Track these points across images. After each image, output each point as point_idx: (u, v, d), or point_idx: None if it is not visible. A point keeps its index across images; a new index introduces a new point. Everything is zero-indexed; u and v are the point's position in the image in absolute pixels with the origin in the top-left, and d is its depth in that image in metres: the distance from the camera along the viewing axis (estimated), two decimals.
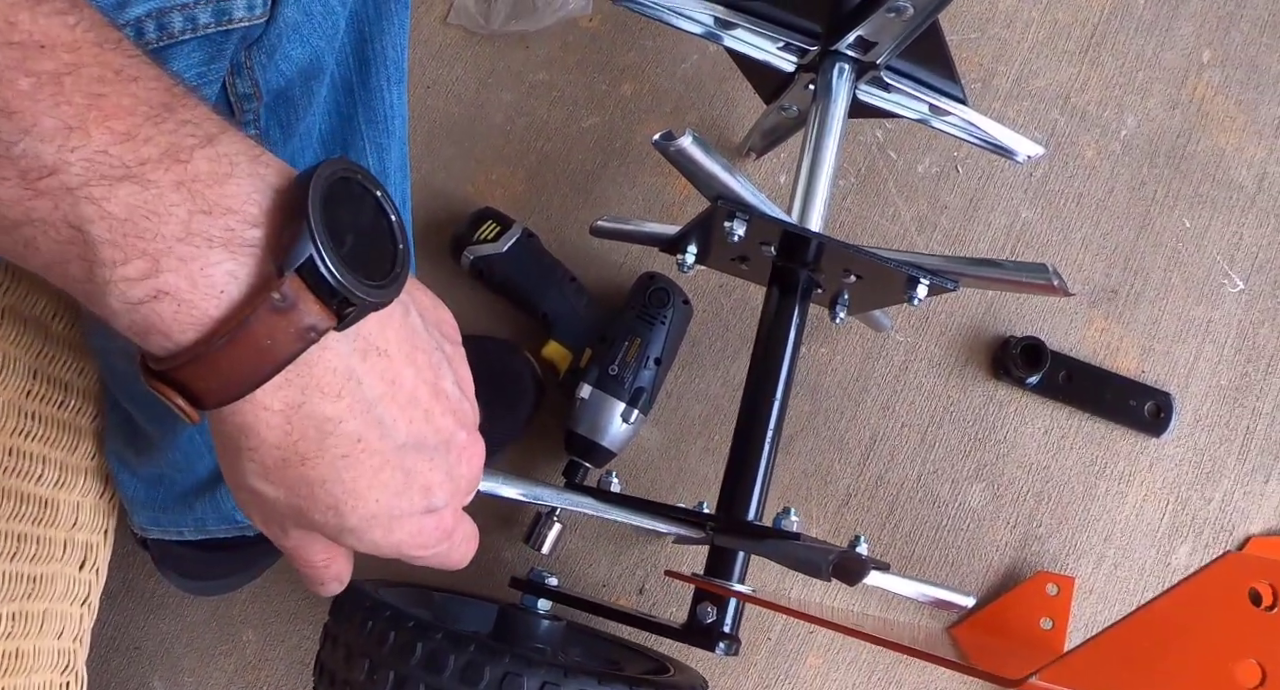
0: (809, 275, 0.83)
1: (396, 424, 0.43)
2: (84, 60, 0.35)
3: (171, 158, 0.36)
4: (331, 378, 0.40)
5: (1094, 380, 1.04)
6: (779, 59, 0.91)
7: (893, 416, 1.04)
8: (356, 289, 0.38)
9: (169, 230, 0.36)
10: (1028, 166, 1.10)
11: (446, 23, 1.14)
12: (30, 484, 0.77)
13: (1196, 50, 1.13)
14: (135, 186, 0.35)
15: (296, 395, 0.39)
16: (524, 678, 0.68)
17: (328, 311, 0.38)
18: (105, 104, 0.35)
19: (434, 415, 0.45)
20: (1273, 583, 0.48)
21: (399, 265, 0.42)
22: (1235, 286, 1.07)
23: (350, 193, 0.41)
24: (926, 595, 0.87)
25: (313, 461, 0.41)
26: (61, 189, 0.35)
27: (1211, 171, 1.10)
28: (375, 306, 0.40)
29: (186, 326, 0.37)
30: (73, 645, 0.86)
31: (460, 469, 0.47)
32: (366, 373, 0.41)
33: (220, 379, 0.38)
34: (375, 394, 0.42)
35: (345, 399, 0.40)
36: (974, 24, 1.13)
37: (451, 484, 0.47)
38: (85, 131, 0.35)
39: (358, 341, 0.41)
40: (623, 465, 1.02)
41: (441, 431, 0.45)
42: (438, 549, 0.48)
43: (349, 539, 0.45)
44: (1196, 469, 1.04)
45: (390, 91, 0.71)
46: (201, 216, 0.36)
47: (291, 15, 0.57)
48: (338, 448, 0.41)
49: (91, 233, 0.35)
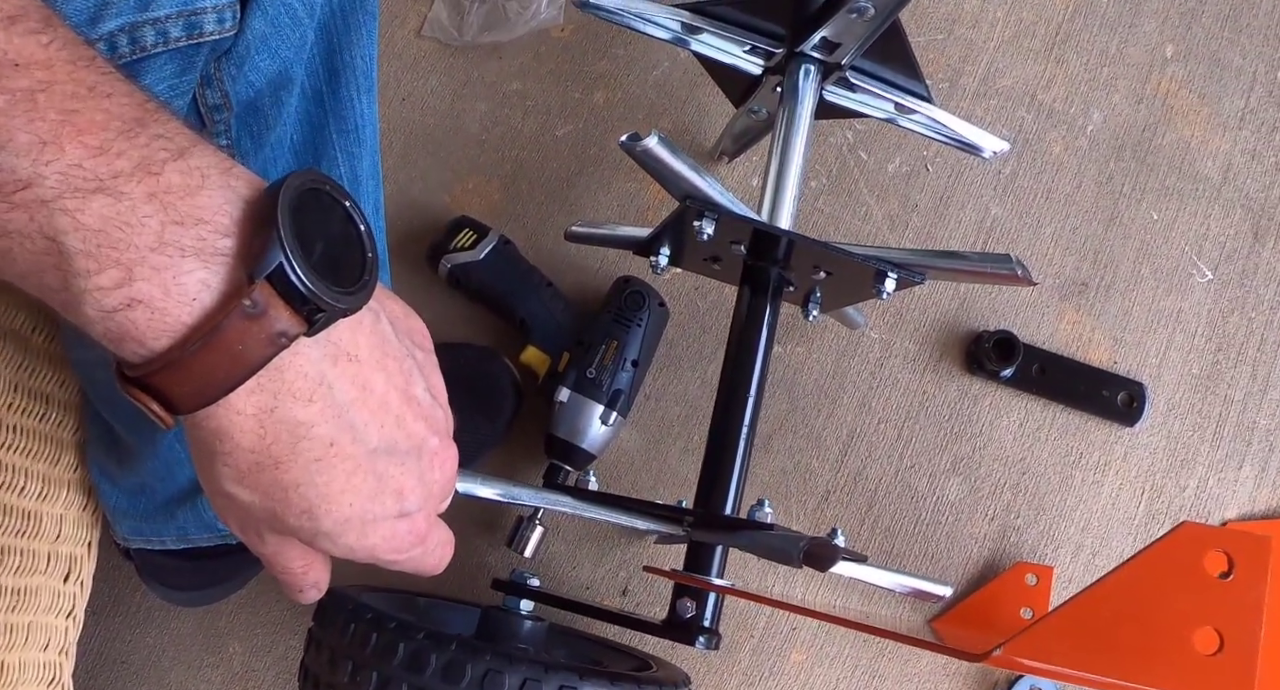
0: (780, 273, 0.84)
1: (368, 429, 0.44)
2: (58, 77, 0.37)
3: (144, 171, 0.37)
4: (303, 382, 0.41)
5: (1067, 372, 1.05)
6: (746, 62, 0.92)
7: (869, 413, 1.06)
8: (325, 295, 0.39)
9: (142, 240, 0.37)
10: (997, 164, 1.11)
11: (421, 36, 1.15)
12: (13, 496, 0.78)
13: (1159, 46, 1.15)
14: (108, 199, 0.36)
15: (269, 400, 0.40)
16: (505, 675, 0.68)
17: (298, 317, 0.39)
18: (79, 119, 0.36)
19: (405, 420, 0.46)
20: (1228, 551, 0.49)
21: (368, 272, 0.43)
22: (1204, 276, 1.09)
23: (319, 203, 0.42)
24: (904, 586, 0.88)
25: (286, 465, 0.42)
26: (36, 202, 0.36)
27: (1177, 164, 1.12)
28: (345, 312, 0.41)
29: (160, 333, 0.38)
30: (59, 658, 0.86)
31: (433, 474, 0.48)
32: (338, 378, 0.42)
33: (194, 384, 0.39)
34: (347, 399, 0.43)
35: (317, 403, 0.41)
36: (940, 25, 1.15)
37: (424, 489, 0.47)
38: (59, 146, 0.36)
39: (328, 347, 0.42)
40: (603, 467, 1.03)
41: (413, 436, 0.46)
42: (411, 553, 0.49)
43: (324, 543, 0.45)
44: (1171, 457, 1.05)
45: (360, 100, 0.72)
46: (174, 227, 0.37)
47: (260, 27, 0.58)
48: (310, 451, 0.42)
49: (66, 243, 0.36)
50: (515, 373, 1.03)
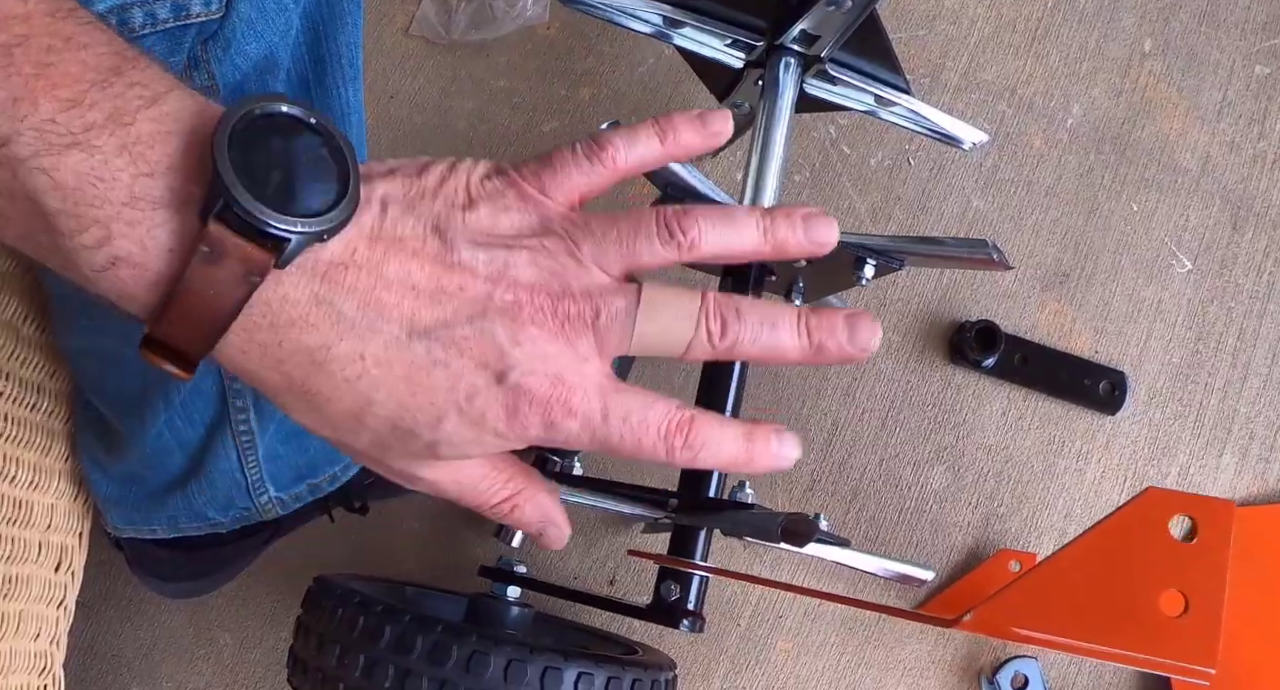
0: (760, 263, 0.85)
1: (395, 324, 0.40)
2: (35, 30, 0.36)
3: (115, 122, 0.37)
4: (294, 309, 0.39)
5: (1049, 361, 1.06)
6: (727, 56, 0.93)
7: (853, 403, 1.07)
8: (283, 224, 0.37)
9: (115, 196, 0.36)
10: (978, 157, 1.13)
11: (408, 34, 1.16)
12: (4, 484, 0.78)
13: (1138, 40, 1.16)
14: (82, 154, 0.36)
15: (269, 335, 0.39)
16: (490, 656, 0.69)
17: (263, 251, 0.38)
18: (53, 72, 0.36)
19: (446, 292, 0.41)
20: (1191, 514, 0.51)
21: (349, 186, 0.40)
22: (1184, 267, 1.10)
23: (275, 126, 0.39)
24: (888, 570, 0.89)
25: (326, 394, 0.40)
26: (14, 160, 0.36)
27: (1156, 156, 1.13)
28: (319, 236, 0.39)
29: (146, 288, 0.38)
30: (50, 647, 0.87)
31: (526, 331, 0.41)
32: (332, 292, 0.40)
33: (186, 334, 0.38)
34: (354, 306, 0.40)
35: (322, 324, 0.40)
36: (921, 21, 1.17)
37: (518, 349, 0.41)
38: (33, 101, 0.36)
39: (314, 267, 0.40)
40: (589, 458, 1.04)
41: (468, 295, 0.41)
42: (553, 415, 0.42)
43: (448, 453, 0.42)
44: (1152, 445, 1.06)
45: (346, 89, 0.73)
46: (144, 179, 0.37)
47: (246, 11, 0.59)
48: (343, 371, 0.40)
49: (47, 203, 0.36)
50: None
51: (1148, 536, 0.51)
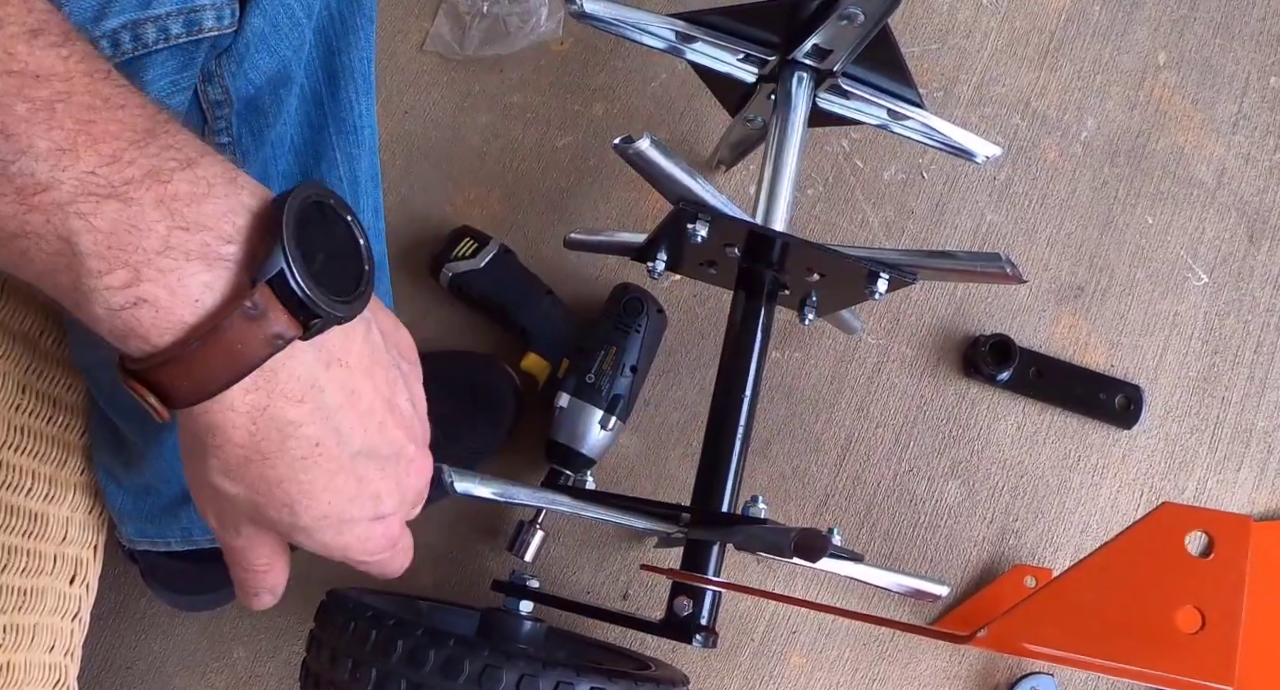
0: (774, 276, 0.85)
1: (353, 432, 0.46)
2: (75, 89, 0.39)
3: (153, 178, 0.39)
4: (295, 384, 0.43)
5: (1064, 375, 1.06)
6: (740, 71, 0.94)
7: (867, 417, 1.06)
8: (323, 302, 0.42)
9: (149, 244, 0.39)
10: (992, 170, 1.12)
11: (423, 50, 1.17)
12: (20, 497, 0.79)
13: (1152, 53, 1.16)
14: (119, 204, 0.39)
15: (262, 398, 0.42)
16: (503, 671, 0.69)
17: (295, 322, 0.42)
18: (94, 129, 0.39)
19: (388, 427, 0.48)
20: (1208, 530, 0.50)
21: (364, 284, 0.46)
22: (1199, 280, 1.10)
23: (323, 215, 0.45)
24: (902, 585, 0.89)
25: (273, 461, 0.44)
26: (53, 205, 0.38)
27: (1172, 169, 1.13)
28: (340, 320, 0.44)
29: (164, 330, 0.40)
30: (64, 660, 0.87)
31: (409, 480, 0.51)
32: (328, 382, 0.45)
33: (192, 379, 0.41)
34: (335, 402, 0.45)
35: (307, 404, 0.44)
36: (934, 34, 1.17)
37: (399, 494, 0.50)
38: (76, 153, 0.38)
39: (321, 352, 0.44)
40: (603, 472, 1.04)
41: (394, 443, 0.49)
42: (381, 555, 0.51)
43: (300, 537, 0.48)
44: (1169, 459, 1.05)
45: (359, 103, 0.74)
46: (179, 232, 0.40)
47: (259, 25, 0.60)
48: (297, 450, 0.44)
49: (79, 245, 0.39)
50: (516, 379, 1.04)
51: (1164, 552, 0.50)
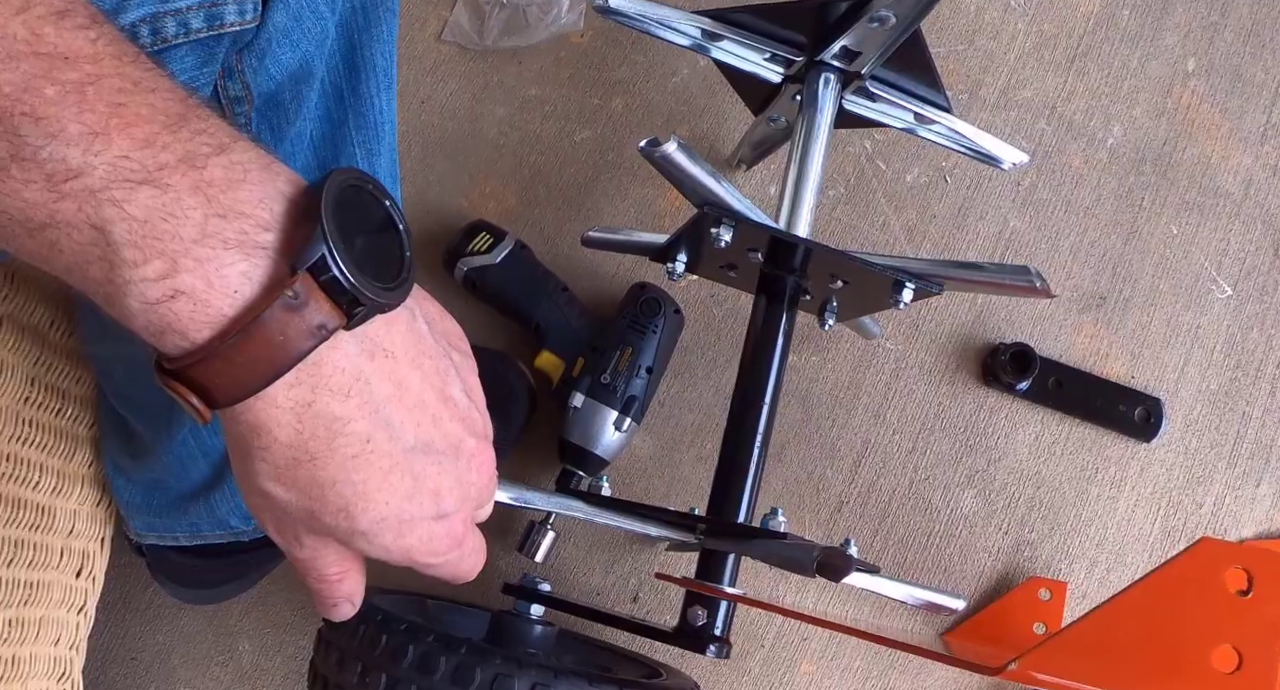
0: (796, 281, 0.84)
1: (404, 426, 0.44)
2: (105, 72, 0.37)
3: (188, 164, 0.38)
4: (340, 377, 0.41)
5: (1084, 386, 1.05)
6: (765, 70, 0.92)
7: (884, 424, 1.05)
8: (366, 288, 0.40)
9: (186, 232, 0.37)
10: (1016, 176, 1.11)
11: (441, 40, 1.15)
12: (27, 490, 0.78)
13: (1181, 60, 1.14)
14: (154, 190, 0.37)
15: (307, 394, 0.40)
16: (514, 679, 0.68)
17: (338, 310, 0.40)
18: (126, 112, 0.37)
19: (442, 420, 0.46)
20: (1247, 568, 0.49)
21: (406, 270, 0.43)
22: (1223, 292, 1.08)
23: (361, 200, 0.43)
24: (916, 598, 0.88)
25: (323, 461, 0.42)
26: (85, 191, 0.36)
27: (1198, 179, 1.11)
28: (383, 307, 0.41)
29: (202, 325, 0.38)
30: (69, 653, 0.87)
31: (470, 476, 0.47)
32: (374, 373, 0.42)
33: (233, 376, 0.39)
34: (383, 395, 0.42)
35: (354, 399, 0.41)
36: (961, 36, 1.15)
37: (461, 491, 0.47)
38: (108, 137, 0.37)
39: (365, 343, 0.42)
40: (616, 473, 1.03)
41: (449, 436, 0.46)
42: (448, 556, 0.48)
43: (360, 543, 0.45)
44: (1187, 473, 1.04)
45: (380, 98, 0.72)
46: (216, 220, 0.38)
47: (281, 20, 0.58)
48: (347, 448, 0.42)
49: (113, 233, 0.37)
50: (529, 377, 1.03)
51: (1201, 589, 0.49)
